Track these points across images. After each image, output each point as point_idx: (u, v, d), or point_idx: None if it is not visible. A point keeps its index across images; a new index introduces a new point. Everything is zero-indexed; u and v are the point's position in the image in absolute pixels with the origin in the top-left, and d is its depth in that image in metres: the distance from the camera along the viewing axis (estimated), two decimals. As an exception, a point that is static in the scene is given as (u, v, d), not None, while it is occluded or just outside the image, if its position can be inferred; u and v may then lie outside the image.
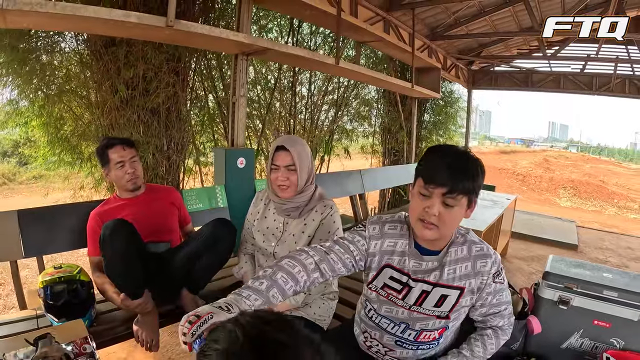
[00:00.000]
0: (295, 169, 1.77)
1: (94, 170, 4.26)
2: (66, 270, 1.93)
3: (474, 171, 1.22)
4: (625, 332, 1.97)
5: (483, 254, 1.34)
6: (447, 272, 1.33)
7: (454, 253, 1.34)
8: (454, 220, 1.25)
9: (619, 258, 5.86)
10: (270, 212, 1.92)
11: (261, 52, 2.98)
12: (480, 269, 1.33)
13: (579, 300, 2.03)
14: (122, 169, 2.13)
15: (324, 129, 6.38)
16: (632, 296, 1.96)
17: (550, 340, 2.07)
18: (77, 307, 1.85)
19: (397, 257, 1.38)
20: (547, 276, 2.13)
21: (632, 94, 7.19)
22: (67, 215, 2.28)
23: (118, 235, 1.80)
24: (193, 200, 2.80)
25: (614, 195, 19.65)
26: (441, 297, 1.34)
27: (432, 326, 1.38)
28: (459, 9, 5.27)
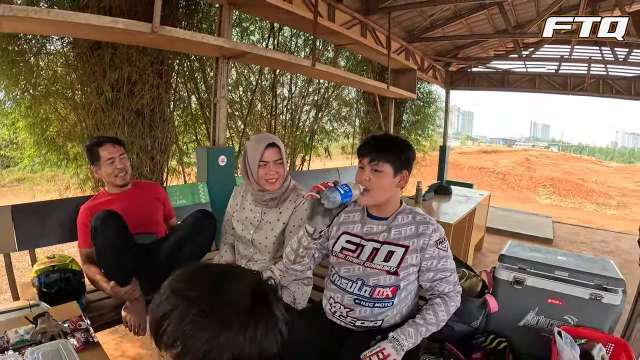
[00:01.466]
0: (283, 162, 1.97)
1: (79, 170, 4.35)
2: (59, 259, 2.03)
3: (396, 146, 1.59)
4: (577, 309, 2.10)
5: (425, 221, 1.65)
6: (393, 233, 1.64)
7: (400, 219, 1.66)
8: (382, 185, 1.57)
9: (593, 251, 6.09)
10: (247, 204, 2.09)
11: (241, 56, 3.13)
12: (422, 232, 1.61)
13: (532, 280, 2.16)
14: (112, 165, 2.25)
15: (305, 130, 6.52)
16: (581, 275, 2.11)
17: (509, 319, 2.20)
18: (69, 295, 1.94)
19: (351, 224, 1.72)
20: (502, 258, 2.29)
21: (606, 94, 7.42)
22: (59, 209, 2.39)
23: (108, 225, 1.95)
24: (177, 196, 2.94)
25: (592, 193, 20.08)
26: (389, 252, 1.62)
27: (383, 282, 1.61)
28: (435, 12, 5.42)
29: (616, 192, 21.60)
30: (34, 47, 3.80)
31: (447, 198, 4.61)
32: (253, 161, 1.93)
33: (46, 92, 3.93)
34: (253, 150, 1.94)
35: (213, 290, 0.68)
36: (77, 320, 1.52)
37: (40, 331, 1.38)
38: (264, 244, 2.01)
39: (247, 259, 2.07)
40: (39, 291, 1.95)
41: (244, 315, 0.65)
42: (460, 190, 5.15)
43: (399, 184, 1.63)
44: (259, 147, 1.92)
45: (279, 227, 2.00)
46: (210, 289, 0.68)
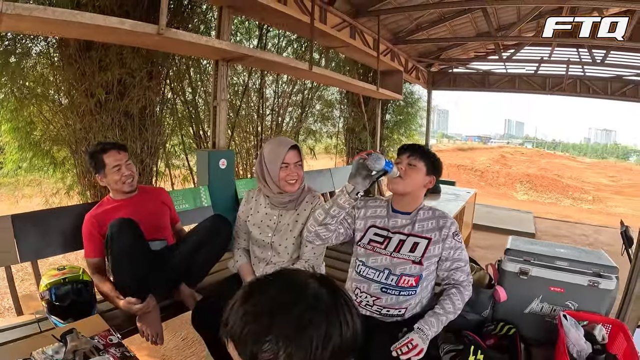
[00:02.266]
0: (302, 163, 2.03)
1: (65, 175, 4.27)
2: (70, 271, 1.98)
3: (431, 154, 1.82)
4: (577, 295, 2.28)
5: (444, 215, 1.84)
6: (417, 226, 1.80)
7: (422, 214, 1.84)
8: (414, 177, 1.76)
9: (575, 244, 6.17)
10: (262, 207, 2.11)
11: (241, 59, 3.14)
12: (442, 224, 1.79)
13: (536, 270, 2.32)
14: (119, 172, 2.21)
15: (289, 130, 6.53)
16: (580, 265, 2.30)
17: (515, 307, 2.35)
18: (82, 307, 1.91)
19: (379, 219, 1.87)
20: (508, 252, 2.44)
21: (583, 93, 7.67)
22: (61, 218, 2.32)
23: (125, 233, 1.92)
24: (180, 200, 2.93)
25: (568, 188, 20.63)
26: (414, 244, 1.77)
27: (409, 270, 1.75)
28: (421, 16, 5.53)
29: (591, 187, 22.25)
30: (19, 48, 3.72)
31: (436, 197, 4.70)
32: (273, 163, 1.96)
33: (32, 94, 3.86)
34: (274, 153, 1.97)
35: (296, 295, 0.70)
36: (106, 334, 1.48)
37: (72, 349, 1.33)
38: (284, 245, 2.04)
39: (266, 262, 2.08)
40: (49, 304, 1.89)
41: (332, 306, 0.69)
42: (448, 188, 5.26)
43: (426, 185, 1.83)
44: (281, 150, 1.95)
45: (297, 228, 2.04)
46: (292, 296, 0.70)
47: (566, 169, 28.52)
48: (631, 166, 34.06)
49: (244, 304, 0.70)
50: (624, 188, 23.04)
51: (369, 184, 1.64)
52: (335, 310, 0.69)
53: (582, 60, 7.11)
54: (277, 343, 0.64)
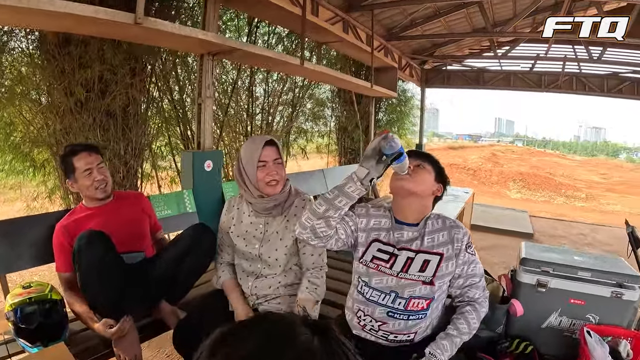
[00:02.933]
0: (282, 162, 1.80)
1: (46, 178, 4.07)
2: (37, 289, 1.78)
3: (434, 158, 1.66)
4: (599, 308, 2.16)
5: (456, 225, 1.61)
6: (426, 240, 1.56)
7: (430, 225, 1.59)
8: (423, 178, 1.56)
9: (573, 244, 6.15)
10: (245, 216, 1.89)
11: (228, 52, 2.93)
12: (454, 236, 1.56)
13: (555, 282, 2.19)
14: (89, 177, 2.00)
15: (280, 130, 6.36)
16: (603, 275, 2.16)
17: (531, 322, 2.23)
18: (51, 329, 1.73)
19: (382, 232, 1.62)
20: (524, 262, 2.28)
21: (579, 91, 7.59)
22: (32, 227, 2.11)
23: (94, 247, 1.72)
24: (161, 206, 2.72)
25: (561, 186, 20.69)
26: (424, 262, 1.54)
27: (419, 292, 1.52)
28: (415, 11, 5.38)
29: (583, 184, 22.38)
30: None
31: (435, 198, 4.55)
32: (250, 163, 1.75)
33: (10, 93, 3.65)
34: (249, 151, 1.75)
35: (280, 350, 0.52)
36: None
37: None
38: (274, 257, 1.83)
39: (256, 276, 1.87)
40: (15, 327, 1.70)
41: (324, 354, 0.53)
42: (445, 189, 5.11)
43: (434, 192, 1.61)
44: (256, 147, 1.74)
45: (288, 236, 1.82)
46: (275, 350, 0.52)
47: (558, 167, 28.64)
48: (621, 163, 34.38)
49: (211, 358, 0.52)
50: (616, 185, 23.22)
51: (383, 169, 1.39)
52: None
53: (579, 57, 7.03)
54: None
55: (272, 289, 1.84)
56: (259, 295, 1.86)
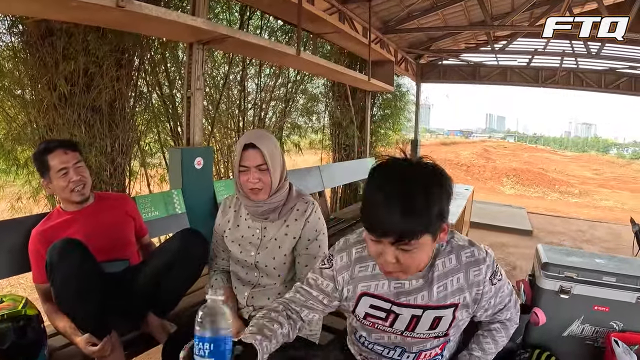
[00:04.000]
0: (267, 168, 1.56)
1: (30, 177, 3.90)
2: (9, 305, 1.60)
3: (432, 201, 0.98)
4: (623, 314, 2.06)
5: (475, 259, 1.17)
6: (436, 290, 1.16)
7: (441, 265, 1.17)
8: (421, 259, 1.07)
9: (573, 241, 6.16)
10: (242, 220, 1.71)
11: (219, 41, 2.73)
12: (474, 279, 1.16)
13: (579, 288, 2.08)
14: (65, 177, 1.82)
15: (272, 125, 6.20)
16: (629, 279, 2.05)
17: (552, 330, 2.13)
18: (26, 348, 1.55)
19: (372, 282, 1.21)
20: (546, 267, 2.16)
21: (577, 86, 7.56)
22: (7, 232, 1.92)
23: (69, 258, 1.54)
24: (148, 207, 2.52)
25: (554, 182, 20.79)
26: (435, 319, 1.19)
27: (430, 346, 1.26)
28: (413, 3, 5.25)
29: (576, 180, 22.51)
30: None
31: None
32: (235, 165, 1.59)
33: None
34: (236, 150, 1.59)
35: None
36: None
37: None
38: (272, 265, 1.64)
39: (252, 286, 1.69)
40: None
41: None
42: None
43: (439, 239, 1.09)
44: (238, 148, 1.56)
45: (287, 243, 1.63)
46: None
47: (550, 163, 28.79)
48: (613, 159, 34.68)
49: None
50: (608, 181, 23.41)
51: None
52: None
53: (577, 52, 6.99)
54: None
55: (270, 301, 1.65)
56: (255, 307, 1.68)
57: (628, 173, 26.92)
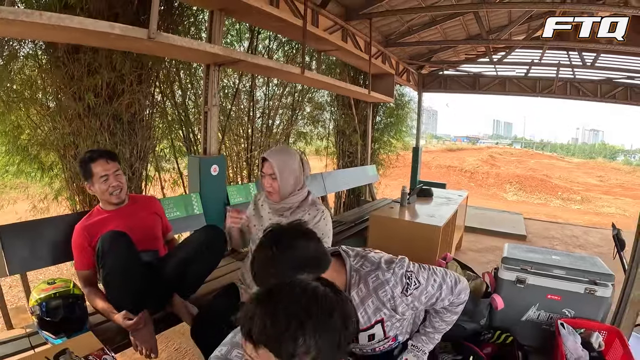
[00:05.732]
0: (276, 177, 1.98)
1: (53, 180, 4.19)
2: (61, 285, 1.92)
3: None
4: (574, 303, 2.32)
5: (380, 282, 1.40)
6: (360, 317, 1.37)
7: (356, 296, 1.42)
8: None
9: (565, 245, 6.34)
10: (265, 211, 2.14)
11: (233, 63, 3.10)
12: (384, 298, 1.40)
13: (533, 279, 2.38)
14: (106, 183, 2.15)
15: (279, 133, 6.49)
16: (577, 273, 2.33)
17: (512, 315, 2.41)
18: (74, 322, 1.87)
19: None
20: (505, 260, 2.46)
21: (573, 96, 7.76)
22: (50, 228, 2.25)
23: (117, 247, 1.88)
24: (171, 208, 2.88)
25: (557, 188, 20.78)
26: (369, 336, 1.49)
27: (380, 345, 1.56)
28: (412, 19, 5.53)
29: (580, 187, 22.45)
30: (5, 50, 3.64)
31: (428, 200, 4.69)
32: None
33: (20, 98, 3.78)
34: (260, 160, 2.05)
35: (311, 298, 0.87)
36: (100, 354, 1.46)
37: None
38: None
39: None
40: (39, 320, 1.84)
41: (338, 300, 0.90)
42: (439, 192, 5.25)
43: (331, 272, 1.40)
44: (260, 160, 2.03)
45: None
46: (308, 299, 0.86)
47: (555, 169, 28.76)
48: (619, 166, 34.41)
49: (268, 311, 0.83)
50: (613, 188, 23.32)
51: None
52: (341, 302, 0.88)
53: (573, 63, 7.18)
54: (309, 339, 0.80)
55: None
56: None
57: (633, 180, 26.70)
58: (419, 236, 3.41)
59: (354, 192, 7.49)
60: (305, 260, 1.26)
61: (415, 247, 3.33)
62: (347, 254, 1.46)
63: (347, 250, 1.49)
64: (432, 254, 3.25)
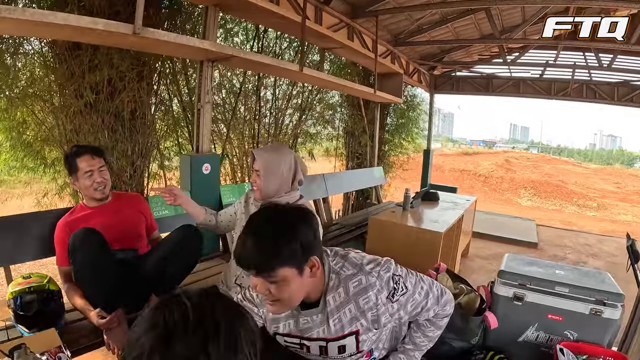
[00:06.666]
0: (261, 174, 1.95)
1: (57, 176, 4.19)
2: (35, 279, 1.93)
3: (283, 240, 1.12)
4: (577, 324, 2.12)
5: (363, 287, 1.26)
6: (332, 324, 1.28)
7: (332, 300, 1.28)
8: (290, 292, 1.17)
9: (577, 254, 6.12)
10: (253, 209, 2.07)
11: (226, 59, 3.01)
12: (365, 306, 1.26)
13: (532, 296, 2.17)
14: (90, 178, 2.14)
15: (288, 133, 6.42)
16: (582, 291, 2.11)
17: (508, 334, 2.20)
18: (48, 317, 1.85)
19: (281, 322, 1.36)
20: (502, 274, 2.27)
21: (589, 99, 7.56)
22: (36, 223, 2.26)
23: (88, 244, 1.85)
24: (159, 207, 2.81)
25: (573, 194, 20.38)
26: (339, 347, 1.32)
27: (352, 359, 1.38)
28: (422, 17, 5.41)
29: (596, 193, 21.98)
30: (10, 47, 3.62)
31: (434, 204, 4.55)
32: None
33: (23, 94, 3.76)
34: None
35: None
36: (56, 351, 1.43)
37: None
38: None
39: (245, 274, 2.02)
40: (15, 314, 1.83)
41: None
42: (447, 196, 5.10)
43: (312, 274, 1.21)
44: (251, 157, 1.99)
45: None
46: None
47: (571, 175, 28.22)
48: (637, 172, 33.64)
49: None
50: (630, 195, 22.77)
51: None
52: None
53: (589, 64, 6.99)
54: None
55: None
56: (242, 286, 1.98)
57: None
58: (419, 242, 3.27)
59: (363, 194, 7.37)
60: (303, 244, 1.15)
61: (415, 254, 3.21)
62: (325, 254, 1.31)
63: (325, 249, 1.32)
64: (433, 262, 3.11)
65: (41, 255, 2.27)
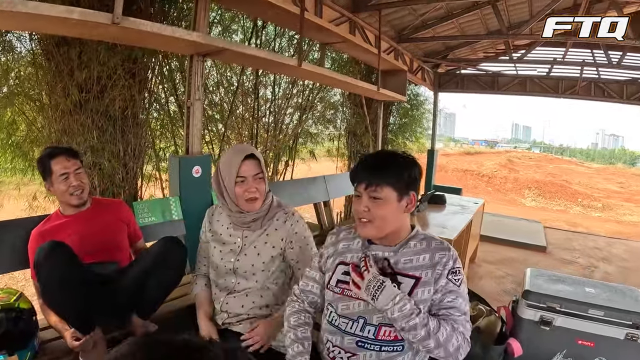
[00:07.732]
0: (264, 177, 1.68)
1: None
2: (3, 297, 1.74)
3: (397, 164, 1.35)
4: (610, 351, 1.91)
5: (443, 247, 1.37)
6: (402, 260, 1.36)
7: (412, 245, 1.38)
8: (385, 213, 1.32)
9: (587, 259, 5.94)
10: (224, 228, 1.78)
11: (218, 53, 2.78)
12: (438, 259, 1.33)
13: (562, 320, 1.95)
14: (65, 182, 1.94)
15: (289, 133, 6.23)
16: (618, 314, 1.90)
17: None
18: (18, 338, 1.66)
19: (350, 253, 1.45)
20: (527, 295, 2.02)
21: (598, 97, 7.34)
22: (10, 231, 2.07)
23: (53, 259, 1.63)
24: (145, 213, 2.59)
25: (577, 195, 20.25)
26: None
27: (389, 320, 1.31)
28: (427, 12, 5.20)
29: (600, 193, 21.84)
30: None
31: (441, 208, 4.34)
32: (229, 177, 1.63)
33: (10, 93, 3.64)
34: (228, 164, 1.64)
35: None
36: None
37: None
38: (251, 271, 1.71)
39: (228, 291, 1.75)
40: None
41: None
42: (453, 198, 4.89)
43: (406, 209, 1.37)
44: (235, 161, 1.62)
45: (266, 251, 1.71)
46: None
47: (574, 175, 28.05)
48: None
49: None
50: (634, 195, 22.60)
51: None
52: None
53: (597, 62, 6.77)
54: None
55: (245, 309, 1.71)
56: (230, 314, 1.73)
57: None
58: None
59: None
60: None
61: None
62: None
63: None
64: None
65: (16, 267, 2.09)
